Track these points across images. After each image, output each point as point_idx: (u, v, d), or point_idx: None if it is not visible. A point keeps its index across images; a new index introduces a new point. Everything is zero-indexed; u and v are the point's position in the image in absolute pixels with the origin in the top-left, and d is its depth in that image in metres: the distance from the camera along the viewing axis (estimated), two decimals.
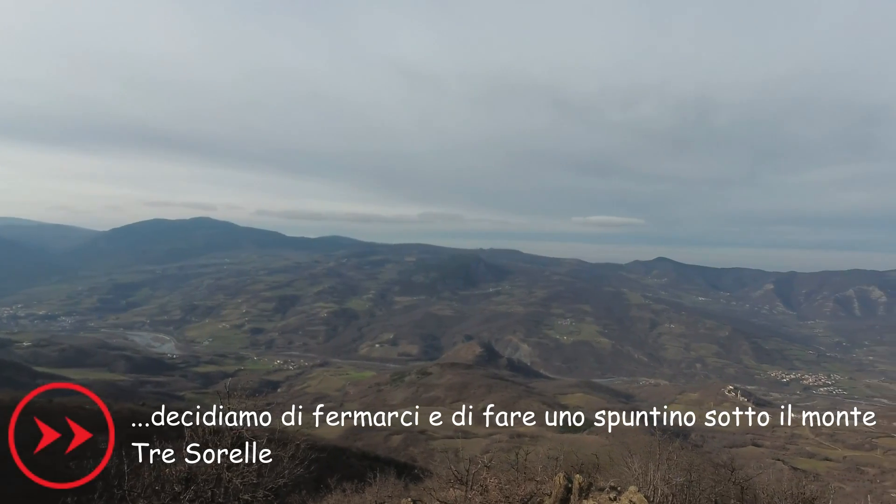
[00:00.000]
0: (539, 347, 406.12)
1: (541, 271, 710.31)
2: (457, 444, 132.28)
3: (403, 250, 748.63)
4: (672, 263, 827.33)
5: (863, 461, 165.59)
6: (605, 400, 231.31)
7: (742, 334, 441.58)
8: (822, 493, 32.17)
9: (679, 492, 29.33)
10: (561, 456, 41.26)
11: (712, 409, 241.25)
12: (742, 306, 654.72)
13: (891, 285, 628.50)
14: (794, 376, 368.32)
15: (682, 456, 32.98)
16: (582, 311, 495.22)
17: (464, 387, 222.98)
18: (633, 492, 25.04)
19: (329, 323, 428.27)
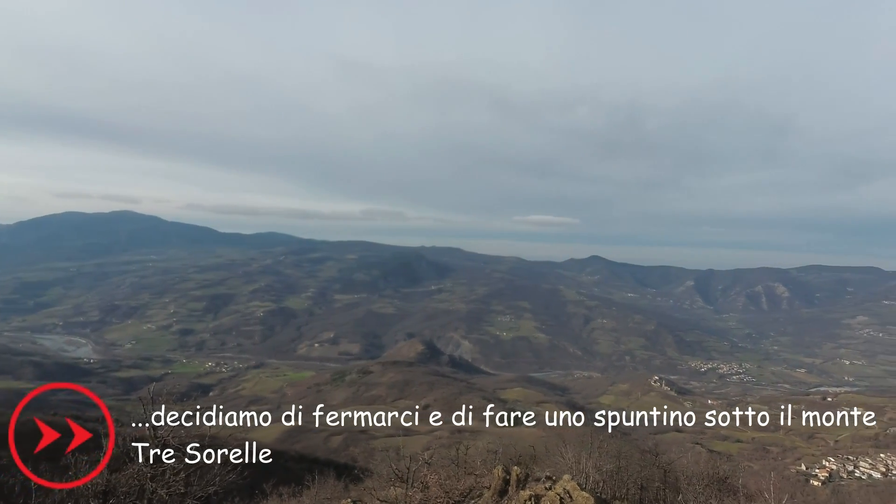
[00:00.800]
0: (480, 344, 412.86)
1: (482, 269, 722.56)
2: (398, 443, 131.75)
3: (345, 248, 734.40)
4: (604, 262, 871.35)
5: (768, 442, 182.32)
6: (542, 393, 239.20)
7: (666, 328, 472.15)
8: (734, 472, 35.14)
9: (609, 478, 30.98)
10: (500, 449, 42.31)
11: (640, 398, 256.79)
12: (666, 302, 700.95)
13: (793, 282, 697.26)
14: (711, 366, 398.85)
15: (611, 444, 34.83)
16: (521, 307, 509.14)
17: (406, 384, 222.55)
18: (566, 480, 26.16)
19: (265, 322, 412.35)
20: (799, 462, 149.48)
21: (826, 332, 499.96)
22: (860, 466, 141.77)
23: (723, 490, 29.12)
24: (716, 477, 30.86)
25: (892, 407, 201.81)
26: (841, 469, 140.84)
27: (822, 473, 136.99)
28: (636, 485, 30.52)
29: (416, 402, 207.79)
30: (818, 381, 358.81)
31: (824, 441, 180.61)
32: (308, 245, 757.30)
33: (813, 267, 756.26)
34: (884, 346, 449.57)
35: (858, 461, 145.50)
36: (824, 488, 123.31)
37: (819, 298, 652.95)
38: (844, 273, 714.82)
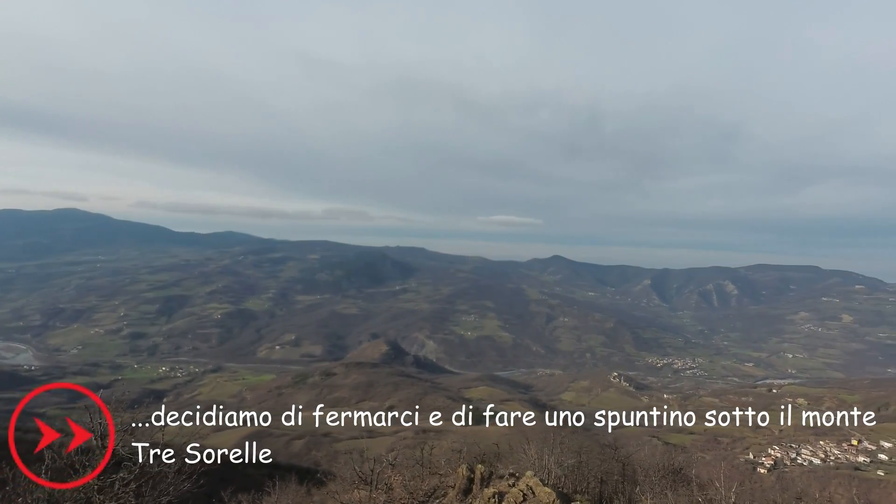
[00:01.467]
0: (444, 343, 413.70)
1: (446, 269, 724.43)
2: (362, 445, 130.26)
3: (306, 247, 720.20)
4: (566, 261, 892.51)
5: (720, 432, 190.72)
6: (506, 391, 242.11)
7: (625, 325, 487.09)
8: (688, 462, 36.64)
9: (570, 473, 31.64)
10: (464, 448, 42.49)
11: (600, 394, 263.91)
12: (625, 300, 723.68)
13: (741, 280, 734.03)
14: (667, 361, 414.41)
15: (572, 439, 35.64)
16: (485, 307, 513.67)
17: (370, 386, 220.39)
18: (529, 476, 26.57)
19: (223, 325, 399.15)
20: (747, 451, 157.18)
21: (771, 328, 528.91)
22: (802, 454, 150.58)
23: (677, 481, 30.30)
24: (671, 468, 32.08)
25: (830, 397, 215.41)
26: (785, 457, 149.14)
27: (767, 461, 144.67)
28: (596, 479, 31.31)
29: (381, 403, 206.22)
30: (764, 374, 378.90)
31: (770, 430, 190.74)
32: (268, 245, 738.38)
33: (759, 266, 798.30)
34: (823, 340, 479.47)
35: (800, 449, 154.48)
36: (770, 475, 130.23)
37: (765, 296, 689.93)
38: (787, 272, 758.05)
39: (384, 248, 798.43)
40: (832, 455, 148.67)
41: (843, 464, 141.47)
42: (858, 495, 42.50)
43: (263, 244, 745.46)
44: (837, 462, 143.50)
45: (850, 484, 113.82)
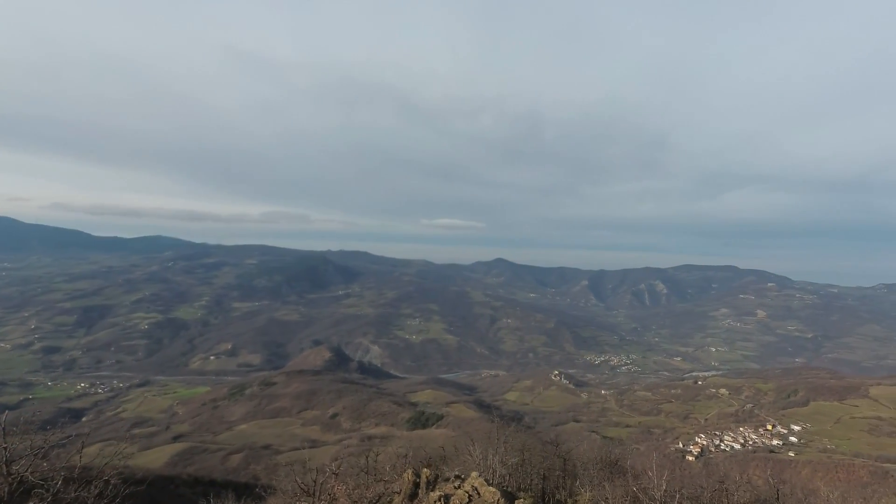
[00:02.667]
0: (389, 348, 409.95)
1: (390, 272, 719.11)
2: (305, 456, 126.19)
3: (243, 252, 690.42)
4: (508, 264, 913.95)
5: (652, 424, 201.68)
6: (451, 394, 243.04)
7: (565, 325, 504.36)
8: (623, 455, 38.42)
9: (514, 471, 32.27)
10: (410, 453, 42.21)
11: (542, 392, 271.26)
12: (564, 300, 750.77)
13: (671, 280, 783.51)
14: (604, 358, 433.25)
15: (516, 438, 36.35)
16: (430, 310, 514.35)
17: (312, 394, 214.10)
18: (474, 477, 26.84)
19: (151, 336, 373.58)
20: (677, 440, 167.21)
21: (696, 324, 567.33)
22: (724, 440, 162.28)
23: (614, 472, 31.67)
24: (608, 461, 33.47)
25: (748, 387, 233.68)
26: (710, 444, 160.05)
27: (695, 449, 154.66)
28: (539, 475, 32.10)
29: (324, 411, 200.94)
30: (691, 368, 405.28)
31: (697, 420, 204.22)
32: (201, 250, 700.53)
33: (685, 266, 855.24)
34: (741, 334, 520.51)
35: (723, 436, 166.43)
36: (697, 462, 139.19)
37: (690, 294, 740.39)
38: (709, 271, 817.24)
39: (326, 253, 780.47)
40: (750, 440, 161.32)
41: (760, 447, 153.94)
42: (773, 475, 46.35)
43: (196, 249, 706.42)
44: (755, 446, 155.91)
45: (766, 465, 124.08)
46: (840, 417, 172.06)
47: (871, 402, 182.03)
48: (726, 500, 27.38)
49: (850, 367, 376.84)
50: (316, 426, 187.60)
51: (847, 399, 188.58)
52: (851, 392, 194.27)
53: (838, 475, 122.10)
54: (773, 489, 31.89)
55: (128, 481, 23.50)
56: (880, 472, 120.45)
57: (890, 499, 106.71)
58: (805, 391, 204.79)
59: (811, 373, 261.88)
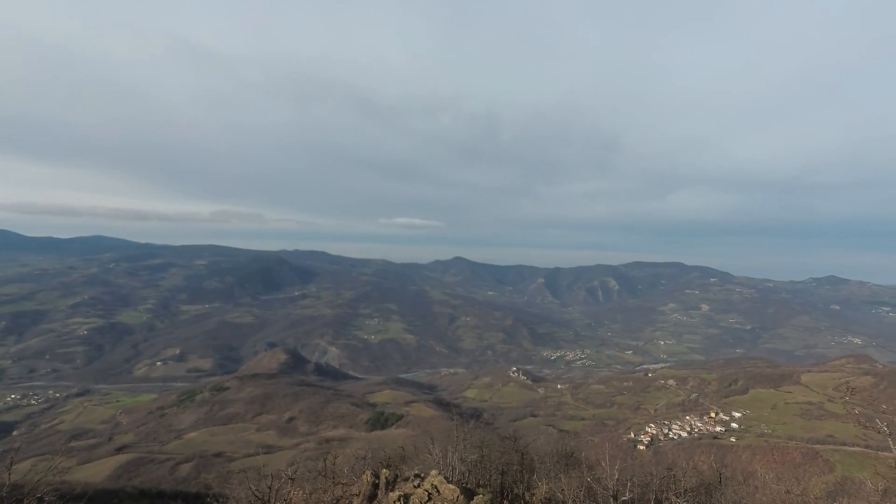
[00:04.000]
0: (348, 349, 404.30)
1: (348, 272, 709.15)
2: (260, 462, 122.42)
3: (192, 252, 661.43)
4: (467, 262, 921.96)
5: (606, 416, 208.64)
6: (411, 393, 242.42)
7: (522, 322, 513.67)
8: (579, 446, 39.55)
9: (474, 467, 32.57)
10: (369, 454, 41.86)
11: (500, 389, 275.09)
12: (521, 298, 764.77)
13: (622, 277, 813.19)
14: (560, 354, 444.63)
15: (475, 435, 36.69)
16: (388, 309, 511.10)
17: (267, 398, 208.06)
18: (434, 475, 26.89)
19: (91, 342, 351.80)
20: (629, 431, 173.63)
21: (646, 319, 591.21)
22: (672, 429, 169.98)
23: (570, 464, 32.55)
24: (563, 454, 34.35)
25: (694, 377, 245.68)
26: (659, 433, 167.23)
27: (645, 438, 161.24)
28: (498, 470, 32.56)
29: (280, 415, 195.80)
30: (641, 360, 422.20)
31: (647, 411, 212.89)
32: (145, 250, 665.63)
33: (636, 263, 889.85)
34: (687, 328, 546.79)
35: (671, 425, 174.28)
36: (648, 450, 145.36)
37: (640, 290, 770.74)
38: (658, 268, 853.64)
39: (281, 253, 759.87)
40: (696, 428, 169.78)
41: (705, 434, 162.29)
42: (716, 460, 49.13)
43: (140, 250, 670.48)
44: (700, 433, 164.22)
45: (710, 451, 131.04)
46: (775, 404, 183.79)
47: (803, 388, 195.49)
48: (674, 486, 28.73)
49: (783, 357, 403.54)
50: (271, 431, 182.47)
51: (781, 386, 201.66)
52: (785, 379, 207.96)
53: (774, 457, 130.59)
54: (716, 473, 33.71)
55: (65, 498, 22.08)
56: (811, 453, 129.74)
57: (819, 477, 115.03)
58: (744, 380, 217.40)
59: (750, 362, 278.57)
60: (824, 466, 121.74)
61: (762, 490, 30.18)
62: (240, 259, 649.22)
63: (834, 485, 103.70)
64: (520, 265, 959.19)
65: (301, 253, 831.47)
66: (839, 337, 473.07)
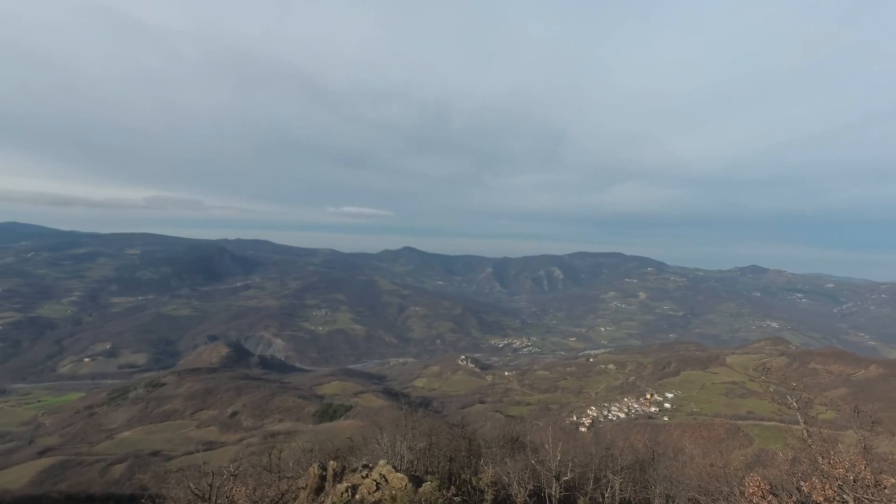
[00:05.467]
0: (294, 340, 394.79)
1: (294, 262, 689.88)
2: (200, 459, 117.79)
3: (122, 241, 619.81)
4: (417, 252, 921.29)
5: (550, 401, 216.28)
6: (360, 384, 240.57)
7: (471, 311, 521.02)
8: (524, 431, 40.86)
9: (422, 455, 32.93)
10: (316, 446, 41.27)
11: (450, 377, 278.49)
12: (470, 287, 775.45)
13: (566, 266, 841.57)
14: (507, 341, 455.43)
15: (424, 423, 37.02)
16: (337, 300, 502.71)
17: (208, 393, 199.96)
18: (382, 465, 26.97)
19: (7, 338, 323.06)
20: (572, 414, 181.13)
21: (588, 306, 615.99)
22: (612, 411, 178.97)
23: (515, 448, 33.61)
24: (509, 438, 35.41)
25: (631, 361, 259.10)
26: (599, 415, 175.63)
27: (587, 420, 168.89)
28: (446, 457, 33.09)
29: (223, 410, 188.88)
30: (584, 346, 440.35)
31: (588, 394, 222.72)
32: (70, 238, 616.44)
33: (579, 253, 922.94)
34: (626, 315, 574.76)
35: (611, 407, 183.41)
36: (589, 432, 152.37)
37: (583, 279, 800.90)
38: (600, 258, 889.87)
39: (222, 242, 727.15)
40: (633, 409, 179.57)
41: (641, 415, 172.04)
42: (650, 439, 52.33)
43: (62, 238, 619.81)
44: (637, 414, 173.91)
45: (645, 430, 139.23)
46: (704, 384, 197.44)
47: (727, 369, 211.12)
48: (611, 464, 30.37)
49: (711, 340, 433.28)
50: (213, 427, 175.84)
51: (709, 368, 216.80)
52: (712, 362, 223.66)
53: (702, 433, 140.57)
54: (649, 451, 35.91)
55: None
56: (734, 429, 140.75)
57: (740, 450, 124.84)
58: (677, 363, 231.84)
59: (682, 346, 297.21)
60: (745, 440, 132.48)
61: (689, 464, 32.54)
62: (177, 248, 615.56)
63: (752, 456, 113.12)
64: (469, 255, 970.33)
65: (244, 242, 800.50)
66: (759, 321, 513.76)
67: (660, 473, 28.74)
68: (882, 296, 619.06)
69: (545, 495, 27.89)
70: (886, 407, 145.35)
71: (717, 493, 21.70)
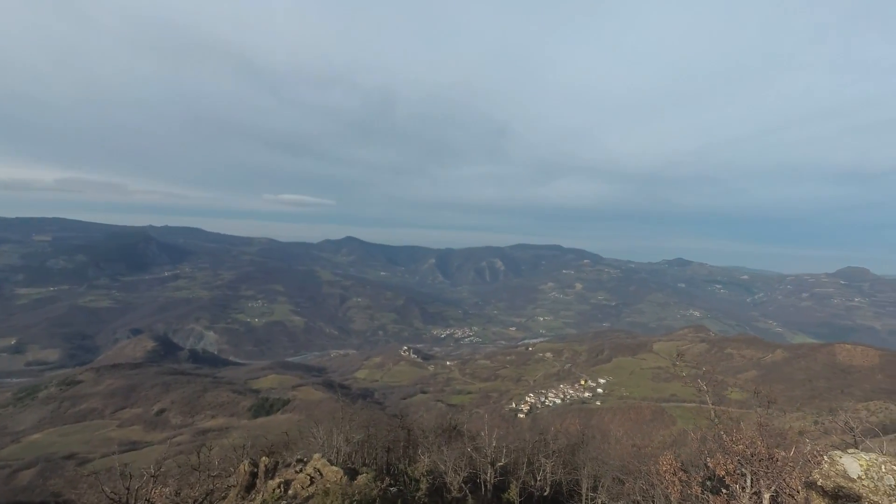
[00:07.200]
0: (228, 333, 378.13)
1: (228, 251, 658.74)
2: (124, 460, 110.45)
3: (30, 226, 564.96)
4: (359, 242, 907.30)
5: (491, 389, 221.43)
6: (298, 377, 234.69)
7: (414, 302, 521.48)
8: (463, 419, 41.43)
9: (359, 447, 32.55)
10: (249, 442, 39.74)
11: (391, 368, 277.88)
12: (414, 278, 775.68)
13: (507, 258, 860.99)
14: (449, 332, 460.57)
15: (362, 415, 36.64)
16: (274, 291, 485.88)
17: (132, 390, 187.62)
18: (317, 459, 26.36)
19: None
20: (511, 401, 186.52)
21: (528, 297, 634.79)
22: (549, 397, 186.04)
23: (453, 436, 34.02)
24: (447, 427, 35.80)
25: (568, 349, 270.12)
26: (537, 401, 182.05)
27: (525, 407, 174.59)
28: (383, 448, 32.91)
29: (148, 408, 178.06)
30: (524, 336, 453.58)
31: (527, 382, 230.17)
32: None
33: (520, 245, 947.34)
34: (563, 305, 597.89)
35: (548, 393, 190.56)
36: (527, 418, 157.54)
37: (524, 270, 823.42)
38: (539, 250, 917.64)
39: (148, 228, 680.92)
40: (568, 394, 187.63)
41: (576, 400, 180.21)
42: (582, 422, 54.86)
43: None
44: (572, 399, 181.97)
45: (579, 415, 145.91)
46: (633, 370, 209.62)
47: (654, 355, 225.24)
48: (544, 449, 31.49)
49: (641, 329, 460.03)
50: (137, 426, 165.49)
51: (638, 354, 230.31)
52: (641, 348, 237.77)
53: (630, 416, 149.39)
54: (580, 434, 37.58)
55: None
56: (659, 411, 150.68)
57: (664, 430, 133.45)
58: (609, 350, 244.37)
59: (614, 335, 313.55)
60: (668, 421, 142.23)
61: (615, 446, 34.40)
62: (95, 235, 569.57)
63: (673, 436, 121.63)
64: (413, 246, 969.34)
65: (172, 229, 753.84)
66: (684, 310, 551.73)
67: (588, 455, 30.16)
68: (788, 286, 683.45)
69: (480, 481, 28.48)
70: (789, 387, 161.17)
71: (638, 473, 23.09)
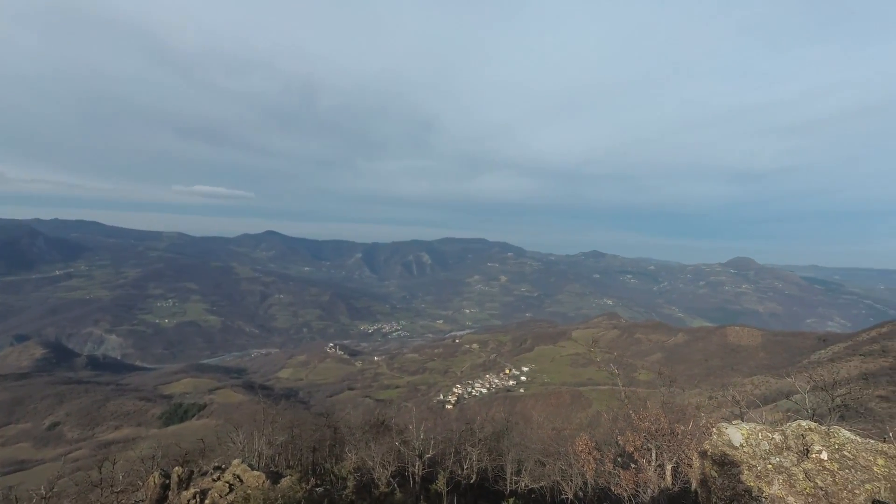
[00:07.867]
0: (133, 336, 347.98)
1: (133, 247, 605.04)
2: (9, 482, 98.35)
3: None
4: (281, 236, 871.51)
5: (419, 382, 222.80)
6: (215, 379, 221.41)
7: (340, 297, 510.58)
8: (390, 413, 41.44)
9: (283, 449, 31.51)
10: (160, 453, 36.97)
11: (317, 366, 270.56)
12: (339, 273, 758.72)
13: (435, 251, 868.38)
14: (377, 327, 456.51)
15: (285, 416, 35.44)
16: (187, 289, 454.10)
17: (17, 404, 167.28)
18: (236, 465, 25.12)
19: None
20: (439, 393, 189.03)
21: (455, 290, 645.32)
22: (475, 387, 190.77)
23: (380, 431, 33.91)
24: (374, 422, 35.63)
25: (493, 340, 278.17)
26: (464, 392, 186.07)
27: (452, 398, 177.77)
28: (309, 448, 32.12)
29: (38, 423, 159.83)
30: (451, 328, 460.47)
31: (454, 373, 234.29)
32: None
33: (447, 239, 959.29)
34: (489, 297, 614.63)
35: (475, 383, 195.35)
36: (455, 409, 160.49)
37: (451, 264, 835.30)
38: (466, 243, 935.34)
39: (33, 222, 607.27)
40: (494, 384, 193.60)
41: (501, 389, 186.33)
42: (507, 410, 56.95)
43: None
44: (497, 388, 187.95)
45: (504, 403, 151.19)
46: (553, 357, 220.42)
47: (573, 342, 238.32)
48: (470, 438, 32.36)
49: (561, 318, 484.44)
50: (25, 443, 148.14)
51: (558, 342, 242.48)
52: (561, 336, 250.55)
53: (552, 401, 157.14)
54: (505, 422, 39.03)
55: None
56: (577, 395, 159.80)
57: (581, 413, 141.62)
58: (531, 339, 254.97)
59: (536, 324, 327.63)
60: (585, 404, 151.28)
61: (537, 430, 36.15)
62: None
63: (589, 418, 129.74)
64: (338, 240, 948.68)
65: (64, 223, 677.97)
66: (599, 300, 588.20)
67: (512, 441, 31.41)
68: (688, 275, 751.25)
69: (409, 474, 28.71)
70: (688, 367, 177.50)
71: (557, 454, 24.48)
